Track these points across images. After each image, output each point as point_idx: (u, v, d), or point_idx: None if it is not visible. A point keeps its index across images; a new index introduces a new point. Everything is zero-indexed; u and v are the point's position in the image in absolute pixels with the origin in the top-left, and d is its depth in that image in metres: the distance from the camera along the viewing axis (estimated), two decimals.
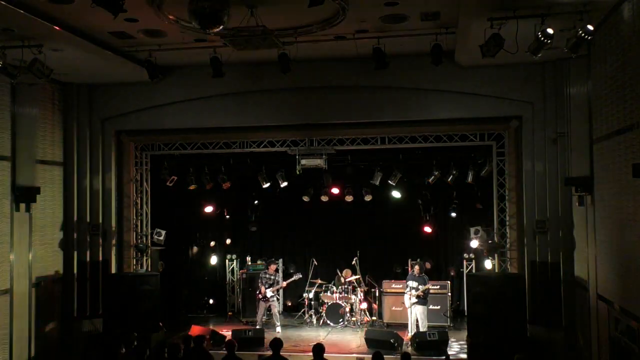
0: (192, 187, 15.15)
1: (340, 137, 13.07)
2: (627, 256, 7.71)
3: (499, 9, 7.98)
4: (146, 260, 13.56)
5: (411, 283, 12.71)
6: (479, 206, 14.55)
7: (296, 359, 10.81)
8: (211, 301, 16.38)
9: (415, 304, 12.57)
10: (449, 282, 14.48)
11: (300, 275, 14.50)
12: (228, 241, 16.97)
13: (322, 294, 14.42)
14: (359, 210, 15.89)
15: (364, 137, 12.95)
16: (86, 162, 12.67)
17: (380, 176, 14.49)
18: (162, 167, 14.32)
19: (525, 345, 10.39)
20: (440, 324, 13.52)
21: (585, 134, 9.65)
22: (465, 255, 14.60)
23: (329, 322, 14.02)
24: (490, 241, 12.48)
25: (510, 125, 11.85)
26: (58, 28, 8.95)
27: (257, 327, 13.22)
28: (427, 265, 14.37)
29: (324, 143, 13.14)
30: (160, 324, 12.25)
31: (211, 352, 9.26)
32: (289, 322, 14.85)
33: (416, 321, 12.59)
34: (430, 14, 9.12)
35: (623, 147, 7.79)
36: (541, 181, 11.27)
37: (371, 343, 11.84)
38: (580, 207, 10.01)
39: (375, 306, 14.61)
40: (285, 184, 15.15)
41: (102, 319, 12.17)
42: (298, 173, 13.50)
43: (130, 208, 13.27)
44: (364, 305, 14.40)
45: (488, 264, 13.04)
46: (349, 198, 15.59)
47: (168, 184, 14.52)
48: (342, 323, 13.93)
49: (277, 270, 14.55)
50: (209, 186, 15.32)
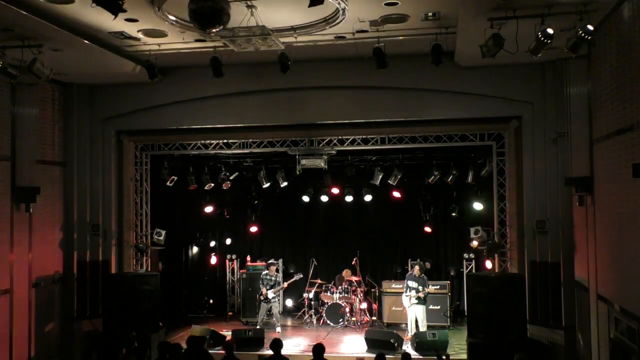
0: (192, 187, 15.17)
1: (340, 137, 13.06)
2: (627, 256, 7.71)
3: (499, 9, 7.97)
4: (146, 260, 13.55)
5: (411, 283, 12.70)
6: (479, 206, 14.56)
7: (296, 359, 10.82)
8: (211, 301, 16.38)
9: (414, 304, 12.57)
10: (449, 282, 14.51)
11: (300, 276, 14.51)
12: (228, 241, 16.99)
13: (322, 294, 14.42)
14: (359, 210, 15.90)
15: (364, 137, 12.94)
16: (86, 162, 12.66)
17: (380, 176, 14.50)
18: (162, 167, 14.33)
19: (525, 345, 10.38)
20: (440, 324, 13.54)
21: (585, 134, 9.64)
22: (465, 255, 14.62)
23: (329, 322, 14.02)
24: (490, 241, 12.47)
25: (510, 125, 11.84)
26: (58, 28, 8.95)
27: (257, 327, 13.23)
28: (427, 265, 14.36)
29: (324, 143, 13.14)
30: (160, 324, 12.24)
31: (211, 352, 9.28)
32: (289, 322, 14.86)
33: (416, 321, 12.59)
34: (430, 14, 9.11)
35: (623, 147, 7.79)
36: (541, 181, 11.26)
37: (371, 343, 11.85)
38: (580, 207, 10.01)
39: (375, 306, 14.62)
40: (285, 184, 15.17)
41: (102, 319, 12.16)
42: (298, 173, 13.48)
43: (130, 208, 13.26)
44: (364, 305, 14.40)
45: (488, 264, 13.06)
46: (349, 198, 15.60)
47: (168, 184, 14.54)
48: (342, 323, 13.93)
49: (277, 270, 14.56)
50: (209, 186, 15.33)
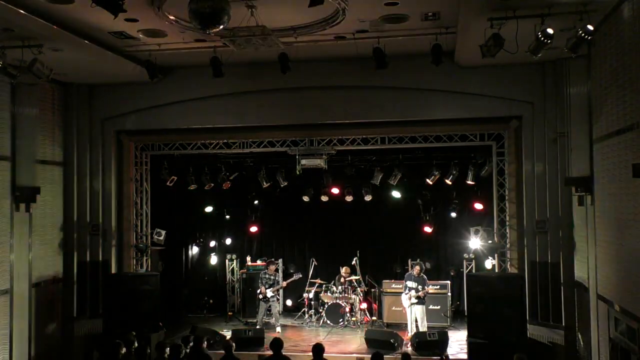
0: (192, 187, 15.18)
1: (340, 137, 13.06)
2: (627, 256, 7.71)
3: (499, 9, 7.97)
4: (146, 260, 13.55)
5: (410, 283, 12.70)
6: (479, 206, 14.55)
7: (296, 359, 10.81)
8: (211, 301, 16.37)
9: (414, 304, 12.56)
10: (449, 282, 14.51)
11: (300, 275, 14.50)
12: (228, 241, 16.98)
13: (322, 294, 14.41)
14: (359, 210, 15.89)
15: (364, 137, 12.94)
16: (86, 162, 12.65)
17: (380, 176, 14.50)
18: (162, 167, 14.34)
19: (525, 345, 10.39)
20: (440, 324, 13.54)
21: (585, 134, 9.64)
22: (465, 255, 14.61)
23: (329, 322, 14.02)
24: (490, 241, 12.49)
25: (510, 125, 11.84)
26: (58, 28, 8.95)
27: (257, 327, 13.22)
28: (427, 265, 14.37)
29: (324, 143, 13.13)
30: (160, 324, 12.24)
31: (210, 352, 9.28)
32: (289, 322, 14.85)
33: (416, 321, 12.58)
34: (430, 14, 9.10)
35: (623, 147, 7.78)
36: (541, 181, 11.26)
37: (371, 343, 11.85)
38: (580, 207, 10.00)
39: (375, 306, 14.61)
40: (285, 184, 15.16)
41: (102, 319, 12.17)
42: (298, 173, 13.49)
43: (130, 208, 13.26)
44: (364, 305, 14.40)
45: (488, 264, 13.06)
46: (349, 198, 15.59)
47: (168, 184, 14.55)
48: (342, 323, 13.93)
49: (277, 270, 14.56)
50: (209, 186, 15.33)
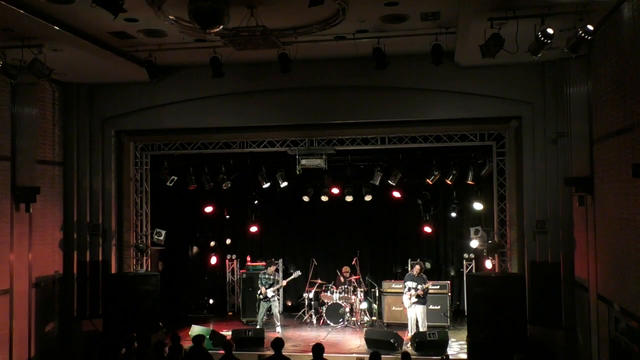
0: (192, 187, 15.17)
1: (340, 137, 13.07)
2: (627, 256, 7.71)
3: (499, 9, 7.98)
4: (146, 260, 13.55)
5: (410, 284, 12.69)
6: (479, 206, 14.55)
7: (296, 359, 10.81)
8: (211, 301, 16.38)
9: (414, 303, 12.56)
10: (449, 282, 14.50)
11: (299, 273, 14.47)
12: (228, 241, 16.97)
13: (322, 294, 14.41)
14: (359, 210, 15.88)
15: (364, 137, 12.95)
16: (86, 162, 12.67)
17: (380, 176, 14.48)
18: (162, 167, 14.33)
19: (525, 345, 10.39)
20: (440, 324, 13.53)
21: (585, 134, 9.64)
22: (465, 255, 14.61)
23: (329, 322, 14.01)
24: (490, 241, 12.48)
25: (510, 125, 11.85)
26: (58, 28, 8.95)
27: (257, 327, 13.22)
28: (427, 265, 14.38)
29: (324, 143, 13.13)
30: (160, 324, 12.24)
31: (211, 352, 9.28)
32: (289, 322, 14.84)
33: (416, 321, 12.58)
34: (430, 14, 9.11)
35: (623, 147, 7.79)
36: (541, 181, 11.26)
37: (371, 343, 11.83)
38: (580, 207, 10.01)
39: (375, 306, 14.61)
40: (285, 184, 15.16)
41: (102, 319, 12.17)
42: (298, 173, 13.49)
43: (130, 208, 13.26)
44: (364, 305, 14.40)
45: (488, 264, 13.06)
46: (349, 198, 15.58)
47: (168, 184, 14.54)
48: (342, 323, 13.92)
49: (277, 270, 14.55)
50: (209, 186, 15.32)
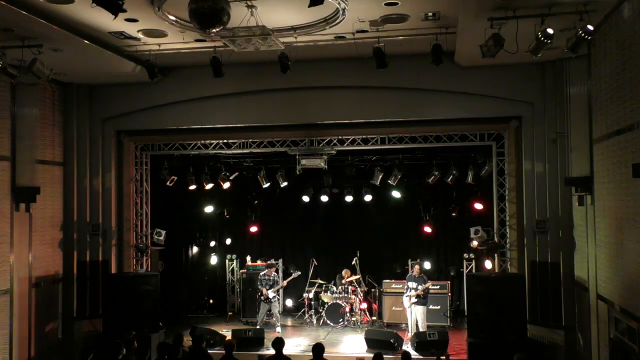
0: (192, 187, 15.17)
1: (340, 137, 13.07)
2: (627, 256, 7.71)
3: (499, 9, 7.97)
4: (146, 260, 13.56)
5: (410, 284, 12.69)
6: (479, 206, 14.55)
7: (296, 359, 10.80)
8: (211, 301, 16.38)
9: (414, 304, 12.56)
10: (449, 282, 14.50)
11: (299, 273, 14.48)
12: (228, 241, 16.98)
13: (322, 294, 14.41)
14: (359, 210, 15.89)
15: (364, 137, 12.95)
16: (86, 162, 12.67)
17: (380, 176, 14.49)
18: (162, 167, 14.34)
19: (525, 345, 10.38)
20: (440, 324, 13.54)
21: (585, 134, 9.64)
22: (465, 255, 14.61)
23: (329, 322, 14.01)
24: (490, 241, 12.48)
25: (510, 125, 11.84)
26: (58, 28, 8.95)
27: (257, 327, 13.22)
28: (427, 265, 14.38)
29: (324, 143, 13.14)
30: (161, 324, 12.25)
31: (211, 352, 9.28)
32: (289, 322, 14.85)
33: (416, 321, 12.58)
34: (430, 14, 9.11)
35: (623, 147, 7.79)
36: (541, 181, 11.26)
37: (371, 343, 11.84)
38: (580, 207, 10.01)
39: (375, 306, 14.61)
40: (285, 184, 15.17)
41: (102, 319, 12.16)
42: (298, 173, 13.49)
43: (130, 208, 13.27)
44: (364, 305, 14.40)
45: (488, 264, 13.06)
46: (349, 198, 15.60)
47: (168, 184, 14.54)
48: (342, 323, 13.92)
49: (277, 271, 14.54)
50: (209, 186, 15.33)
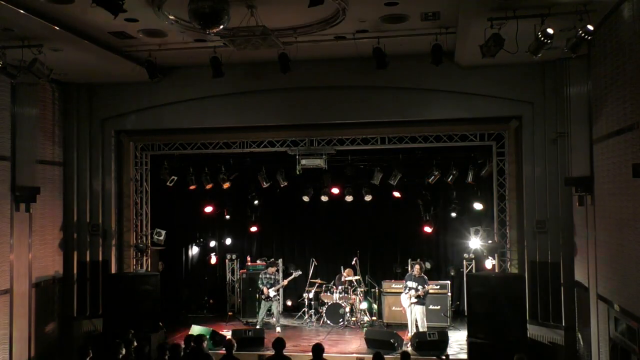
0: (192, 187, 15.17)
1: (340, 137, 13.06)
2: (627, 256, 7.71)
3: (499, 9, 7.98)
4: (146, 260, 13.55)
5: (410, 284, 12.68)
6: (479, 206, 14.55)
7: (296, 359, 10.80)
8: (211, 301, 16.37)
9: (413, 304, 12.56)
10: (449, 282, 14.49)
11: (300, 272, 14.47)
12: (228, 241, 16.98)
13: (322, 294, 14.40)
14: (359, 210, 15.88)
15: (364, 137, 12.94)
16: (86, 162, 12.67)
17: (380, 176, 14.49)
18: (162, 167, 14.33)
19: (525, 345, 10.39)
20: (440, 324, 13.53)
21: (585, 134, 9.65)
22: (465, 255, 14.60)
23: (329, 322, 14.01)
24: (490, 241, 12.48)
25: (510, 125, 11.85)
26: (58, 28, 8.95)
27: (257, 327, 13.22)
28: (427, 265, 14.37)
29: (324, 143, 13.13)
30: (161, 324, 12.25)
31: (211, 352, 9.28)
32: (289, 322, 14.84)
33: (416, 321, 12.58)
34: (430, 14, 9.11)
35: (623, 147, 7.79)
36: (541, 181, 11.26)
37: (371, 343, 11.84)
38: (580, 207, 10.01)
39: (375, 306, 14.61)
40: (285, 184, 15.16)
41: (102, 319, 12.17)
42: (298, 173, 13.48)
43: (130, 208, 13.26)
44: (364, 305, 14.40)
45: (488, 264, 13.06)
46: (349, 198, 15.59)
47: (168, 184, 14.54)
48: (342, 323, 13.92)
49: (277, 270, 14.54)
50: (209, 186, 15.32)
